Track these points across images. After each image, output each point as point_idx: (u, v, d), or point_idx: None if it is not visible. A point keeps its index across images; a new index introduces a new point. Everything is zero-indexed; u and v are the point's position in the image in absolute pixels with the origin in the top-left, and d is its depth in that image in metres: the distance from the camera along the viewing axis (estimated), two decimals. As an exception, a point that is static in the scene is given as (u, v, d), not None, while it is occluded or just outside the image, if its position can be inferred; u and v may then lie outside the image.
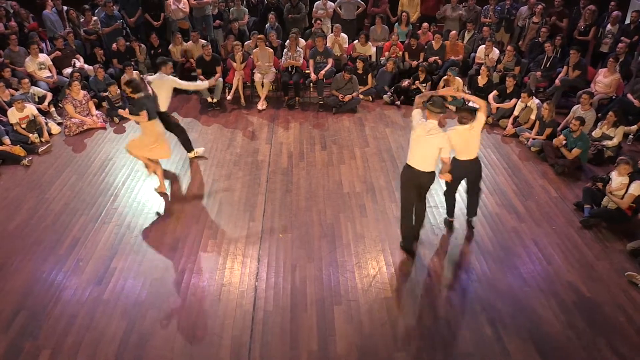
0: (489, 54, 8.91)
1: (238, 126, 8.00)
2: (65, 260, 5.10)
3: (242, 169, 6.75)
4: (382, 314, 4.48)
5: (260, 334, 4.26)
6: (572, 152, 6.58)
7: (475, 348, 4.16)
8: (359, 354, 4.09)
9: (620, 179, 5.55)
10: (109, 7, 9.11)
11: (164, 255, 5.17)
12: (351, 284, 4.81)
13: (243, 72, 8.55)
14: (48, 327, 4.33)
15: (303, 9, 9.76)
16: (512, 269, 5.04)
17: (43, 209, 5.91)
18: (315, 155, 7.08)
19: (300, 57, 8.58)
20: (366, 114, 8.40)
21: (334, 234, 5.49)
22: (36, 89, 7.94)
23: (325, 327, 4.33)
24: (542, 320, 4.44)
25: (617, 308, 4.58)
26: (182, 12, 9.15)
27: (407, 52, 9.24)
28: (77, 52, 8.91)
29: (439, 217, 5.76)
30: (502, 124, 7.90)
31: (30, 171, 6.72)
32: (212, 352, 4.11)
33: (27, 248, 5.27)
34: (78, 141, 7.49)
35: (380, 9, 10.11)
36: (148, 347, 4.14)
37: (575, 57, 8.12)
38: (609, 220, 5.65)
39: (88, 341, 4.19)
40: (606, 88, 7.92)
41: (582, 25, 9.05)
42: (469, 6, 9.91)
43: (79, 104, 7.71)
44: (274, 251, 5.24)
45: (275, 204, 6.00)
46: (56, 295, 4.66)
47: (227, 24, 9.51)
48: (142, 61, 9.00)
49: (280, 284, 4.80)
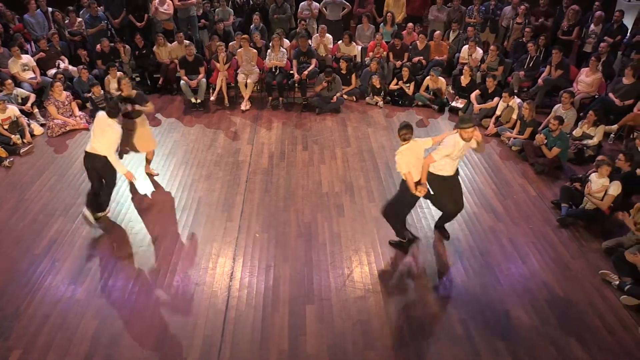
0: (472, 54, 8.94)
1: (221, 126, 8.02)
2: (42, 261, 5.11)
3: (222, 169, 6.76)
4: (354, 313, 4.49)
5: (231, 334, 4.27)
6: (551, 151, 6.61)
7: (446, 347, 4.17)
8: (329, 353, 4.11)
9: (602, 180, 5.55)
10: (94, 9, 9.11)
11: (139, 256, 5.18)
12: (325, 283, 4.82)
13: (227, 72, 8.56)
14: (20, 327, 4.33)
15: (288, 10, 9.78)
16: (487, 268, 5.06)
17: (22, 210, 5.91)
18: (297, 156, 7.09)
19: (284, 57, 8.59)
20: (349, 114, 8.42)
21: (310, 233, 5.50)
22: (20, 90, 7.94)
23: (297, 327, 4.35)
24: (514, 318, 4.46)
25: (590, 307, 4.60)
26: (165, 14, 9.15)
27: (391, 52, 9.26)
28: (61, 54, 8.91)
29: (415, 217, 5.77)
30: (484, 123, 7.92)
31: (11, 172, 6.72)
32: (182, 351, 4.12)
33: (3, 248, 5.27)
34: (60, 142, 7.49)
35: (366, 9, 10.14)
36: (119, 347, 4.15)
37: (557, 57, 8.16)
38: (587, 220, 5.67)
39: (59, 341, 4.20)
40: (588, 87, 7.95)
41: (565, 25, 9.09)
42: (454, 6, 9.95)
43: (62, 105, 7.71)
44: (249, 251, 5.25)
45: (253, 204, 6.01)
46: (30, 295, 4.66)
47: (213, 25, 9.52)
48: (127, 62, 9.00)
49: (254, 284, 4.81)
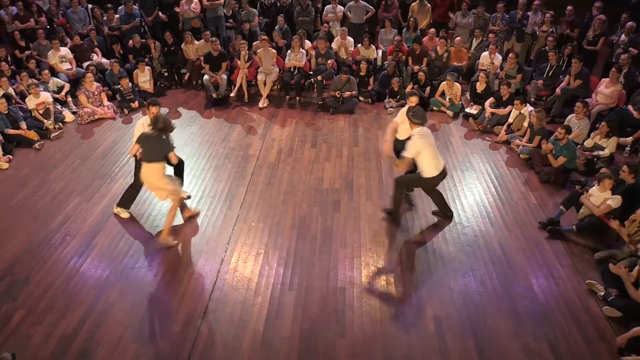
0: (493, 60, 8.91)
1: (237, 121, 8.37)
2: (55, 234, 5.57)
3: (231, 161, 7.09)
4: (332, 302, 4.67)
5: (213, 312, 4.55)
6: (557, 160, 6.55)
7: (415, 341, 4.29)
8: (301, 337, 4.31)
9: (603, 194, 5.47)
10: (129, 6, 9.72)
11: (141, 236, 5.56)
12: (309, 272, 5.03)
13: (247, 70, 8.91)
14: (27, 291, 4.77)
15: (312, 13, 10.05)
16: (471, 269, 5.12)
17: (45, 188, 6.44)
18: (304, 152, 7.33)
19: (303, 58, 8.87)
20: (362, 116, 8.59)
21: (303, 226, 5.72)
22: (56, 80, 8.59)
23: (275, 310, 4.58)
24: (489, 321, 4.51)
25: (570, 316, 4.59)
26: (192, 12, 9.64)
27: (410, 57, 9.36)
28: (97, 47, 9.54)
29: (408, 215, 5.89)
30: (496, 130, 7.90)
31: (40, 154, 7.30)
32: (166, 322, 4.44)
33: (22, 222, 5.78)
34: (88, 129, 8.06)
35: (391, 13, 10.27)
36: (110, 314, 4.51)
37: (577, 67, 8.03)
38: (595, 230, 5.57)
39: (59, 305, 4.61)
40: (607, 99, 7.79)
41: (590, 35, 8.91)
42: (478, 13, 9.93)
43: (92, 95, 8.29)
44: (243, 238, 5.53)
45: (255, 195, 6.29)
46: (40, 264, 5.12)
47: (239, 25, 9.92)
48: (156, 58, 9.53)
49: (242, 269, 5.08)
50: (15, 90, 8.15)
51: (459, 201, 6.21)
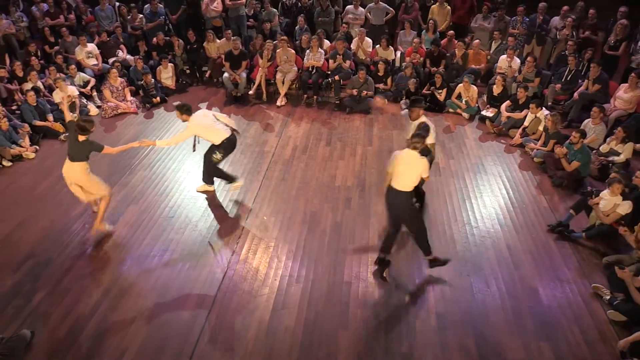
0: (511, 64, 8.89)
1: (255, 119, 8.56)
2: (76, 221, 5.84)
3: (247, 157, 7.27)
4: (337, 295, 4.79)
5: (221, 300, 4.73)
6: (571, 165, 6.53)
7: (416, 336, 4.38)
8: (305, 327, 4.44)
9: (614, 199, 5.44)
10: (154, 4, 10.02)
11: (157, 226, 5.77)
12: (316, 266, 5.16)
13: (267, 69, 9.09)
14: (48, 273, 5.03)
15: (332, 14, 10.18)
16: (477, 269, 5.17)
17: (68, 178, 6.72)
18: (318, 150, 7.47)
19: (321, 58, 9.00)
20: (378, 116, 8.68)
21: (314, 221, 5.86)
22: (82, 75, 8.92)
23: (282, 301, 4.72)
24: (491, 319, 4.57)
25: (574, 319, 4.61)
26: (215, 11, 9.88)
27: (428, 59, 9.41)
28: (122, 44, 9.88)
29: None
30: (511, 133, 7.90)
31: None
32: (177, 306, 4.64)
33: (47, 209, 6.06)
34: (111, 123, 8.36)
35: (411, 15, 10.33)
36: (125, 298, 4.74)
37: (595, 71, 7.97)
38: (605, 237, 5.56)
39: (77, 288, 4.85)
40: (626, 104, 7.70)
41: (612, 40, 8.81)
42: (498, 16, 9.91)
43: (116, 90, 8.59)
44: (254, 231, 5.69)
45: (268, 191, 6.45)
46: (61, 249, 5.38)
47: (261, 25, 10.12)
48: (179, 55, 9.80)
49: (251, 260, 5.24)
50: (44, 83, 8.50)
51: (469, 202, 6.25)
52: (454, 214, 6.01)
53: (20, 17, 9.82)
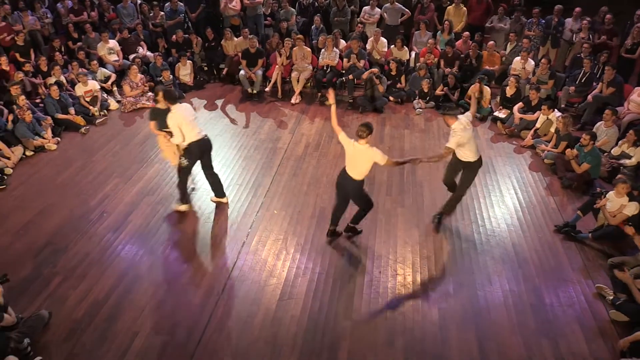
0: (525, 66, 8.90)
1: (269, 116, 8.73)
2: (94, 210, 6.08)
3: (260, 153, 7.44)
4: (343, 287, 4.92)
5: (230, 289, 4.89)
6: (581, 167, 6.54)
7: (418, 329, 4.48)
8: (310, 317, 4.58)
9: (620, 200, 5.47)
10: (174, 2, 10.26)
11: (172, 218, 5.97)
12: (323, 259, 5.29)
13: (283, 68, 9.25)
14: (66, 259, 5.26)
15: (348, 13, 10.30)
16: (481, 266, 5.25)
17: (88, 169, 6.98)
18: (330, 147, 7.60)
19: (336, 57, 9.13)
20: (390, 115, 8.77)
21: (323, 216, 5.98)
22: (103, 70, 9.21)
23: (288, 292, 4.87)
24: (493, 316, 4.64)
25: (576, 318, 4.66)
26: (233, 10, 10.08)
27: (442, 60, 9.46)
28: (143, 41, 10.14)
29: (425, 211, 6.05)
30: (523, 135, 7.92)
31: (85, 138, 7.89)
32: (188, 294, 4.82)
33: (67, 198, 6.31)
34: (130, 117, 8.62)
35: (427, 16, 10.38)
36: (138, 284, 4.94)
37: (609, 74, 7.94)
38: (611, 238, 5.58)
39: (93, 273, 5.08)
40: (639, 107, 7.66)
41: (629, 43, 8.76)
42: (515, 18, 9.92)
43: (135, 86, 8.84)
44: (265, 224, 5.85)
45: (279, 186, 6.61)
46: (78, 237, 5.61)
47: (278, 24, 10.29)
48: (198, 52, 10.03)
49: (260, 251, 5.40)
50: (67, 78, 8.80)
51: (477, 201, 6.32)
52: (461, 212, 6.08)
53: (45, 14, 10.17)
